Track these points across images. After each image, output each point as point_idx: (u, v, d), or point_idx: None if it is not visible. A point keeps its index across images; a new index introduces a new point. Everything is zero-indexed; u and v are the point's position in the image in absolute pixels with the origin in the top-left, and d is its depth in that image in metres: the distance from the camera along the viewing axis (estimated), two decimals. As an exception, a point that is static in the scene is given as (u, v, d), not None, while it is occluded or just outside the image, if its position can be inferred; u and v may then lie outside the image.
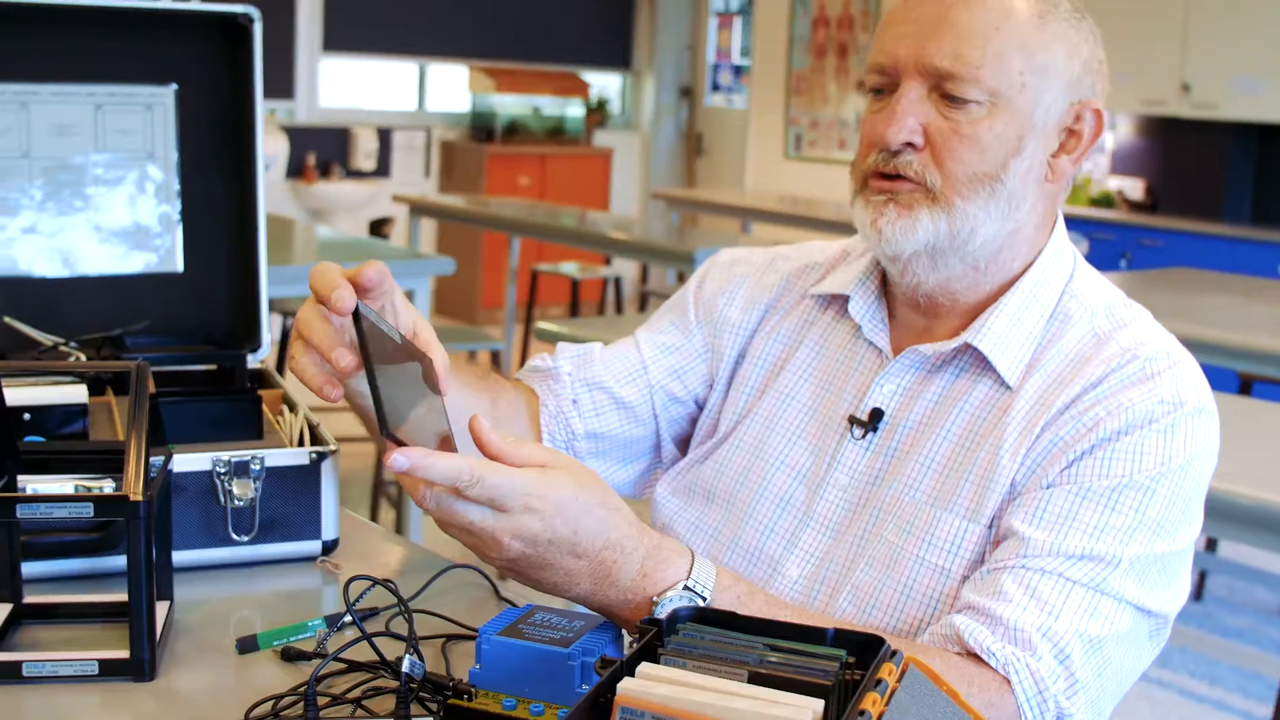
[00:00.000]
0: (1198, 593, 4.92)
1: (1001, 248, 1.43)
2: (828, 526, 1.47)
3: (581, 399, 1.64)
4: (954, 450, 1.41)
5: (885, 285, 1.54)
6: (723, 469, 1.57)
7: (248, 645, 1.34)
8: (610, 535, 1.20)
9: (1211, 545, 4.97)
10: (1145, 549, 1.31)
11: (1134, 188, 8.26)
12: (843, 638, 1.01)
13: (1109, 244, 7.79)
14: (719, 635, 1.02)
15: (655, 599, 1.23)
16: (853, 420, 1.49)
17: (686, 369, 1.66)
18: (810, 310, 1.60)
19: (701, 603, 1.24)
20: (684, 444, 1.69)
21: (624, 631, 1.23)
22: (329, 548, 1.60)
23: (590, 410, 1.64)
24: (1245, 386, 5.01)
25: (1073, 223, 7.53)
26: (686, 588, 1.24)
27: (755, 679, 0.95)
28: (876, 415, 1.48)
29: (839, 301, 1.57)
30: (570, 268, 7.75)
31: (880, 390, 1.48)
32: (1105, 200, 8.25)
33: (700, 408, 1.67)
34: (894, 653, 0.98)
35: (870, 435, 1.48)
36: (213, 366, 1.86)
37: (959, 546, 1.37)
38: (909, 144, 1.39)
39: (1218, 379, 1.48)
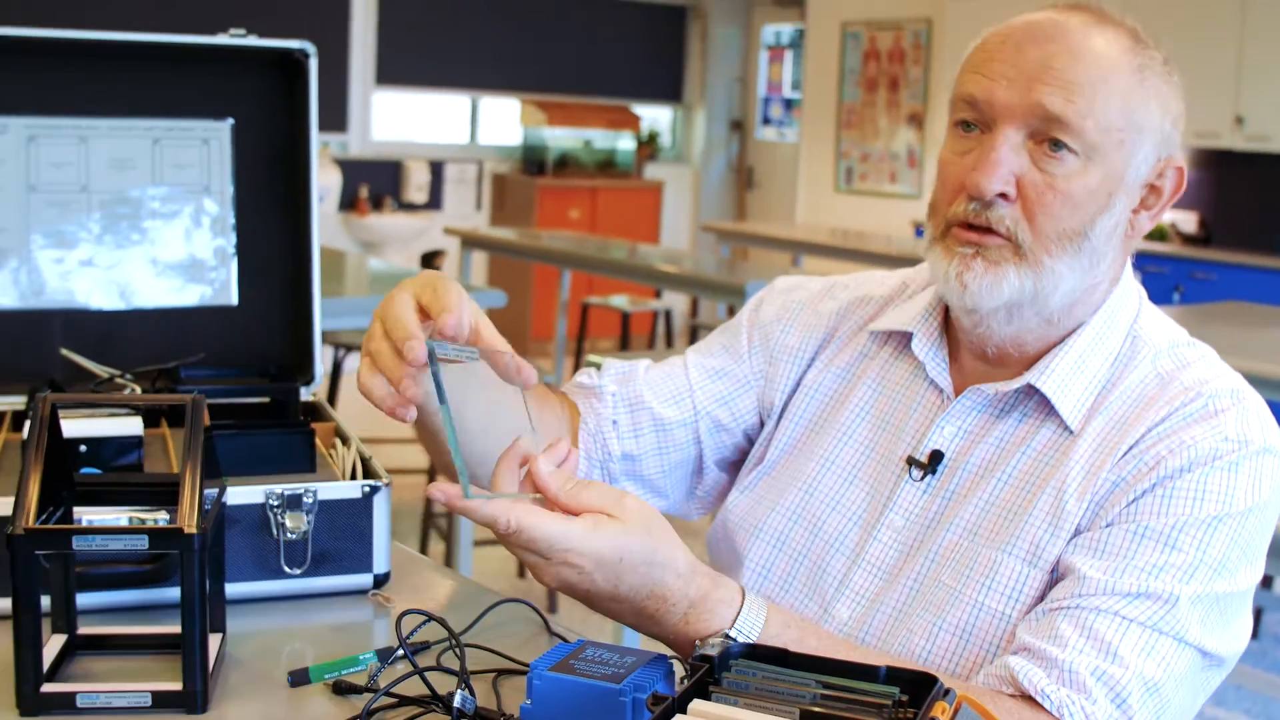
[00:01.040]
0: (1254, 630, 4.85)
1: (1076, 302, 1.41)
2: (879, 569, 1.45)
3: (621, 420, 1.60)
4: (1014, 494, 1.39)
5: (947, 322, 1.51)
6: (776, 506, 1.54)
7: (299, 678, 1.34)
8: (654, 589, 1.20)
9: (1268, 583, 4.90)
10: (1205, 588, 1.28)
11: (1187, 220, 8.20)
12: (895, 675, 1.00)
13: (1162, 277, 7.74)
14: (771, 672, 1.02)
15: (698, 644, 1.22)
16: (911, 461, 1.47)
17: (734, 396, 1.62)
18: (867, 345, 1.57)
19: None
20: (732, 468, 1.66)
21: (675, 667, 1.22)
22: (380, 581, 1.60)
23: (629, 431, 1.60)
24: (1302, 422, 4.95)
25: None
26: (727, 636, 1.23)
27: (807, 717, 0.94)
28: (936, 457, 1.45)
29: (898, 338, 1.54)
30: (621, 300, 7.75)
31: (941, 432, 1.46)
32: (1158, 233, 8.19)
33: (750, 439, 1.64)
34: (947, 691, 0.97)
35: (929, 477, 1.45)
36: (266, 399, 1.88)
37: (1019, 592, 1.35)
38: (1002, 195, 1.35)
39: (1273, 414, 1.45)
